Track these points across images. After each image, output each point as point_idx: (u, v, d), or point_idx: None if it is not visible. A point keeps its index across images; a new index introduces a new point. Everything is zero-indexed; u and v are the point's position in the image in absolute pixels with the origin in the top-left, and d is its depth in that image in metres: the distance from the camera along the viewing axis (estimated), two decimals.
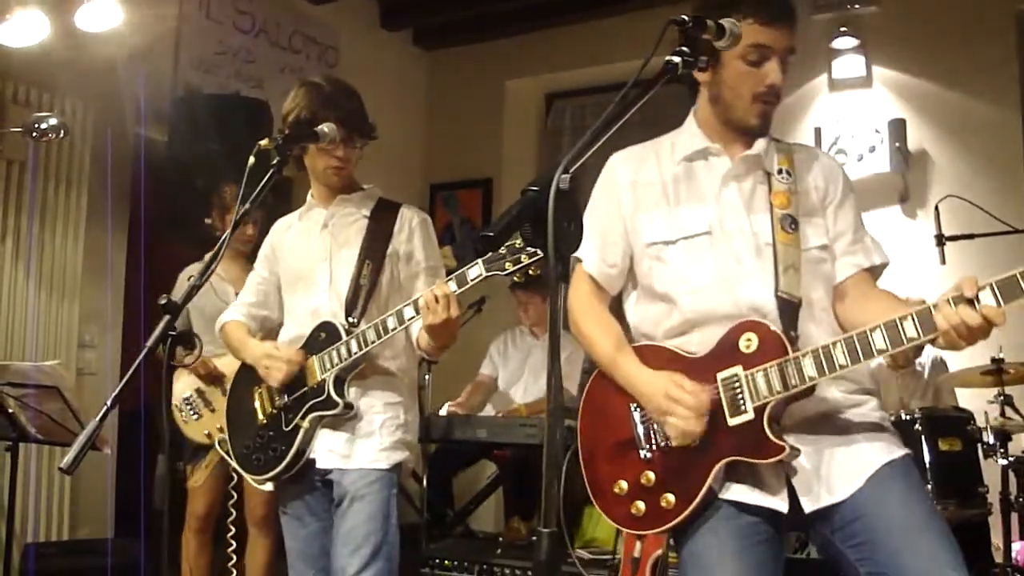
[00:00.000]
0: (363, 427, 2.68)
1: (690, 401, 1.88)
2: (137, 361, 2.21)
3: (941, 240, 4.11)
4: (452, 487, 5.39)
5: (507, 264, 2.37)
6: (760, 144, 2.04)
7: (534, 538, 1.33)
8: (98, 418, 2.01)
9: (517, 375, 5.27)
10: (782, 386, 1.82)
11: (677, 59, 1.70)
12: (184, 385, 3.93)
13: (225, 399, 3.73)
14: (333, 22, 6.02)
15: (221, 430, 3.71)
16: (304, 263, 2.82)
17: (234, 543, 3.64)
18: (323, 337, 2.69)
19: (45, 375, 3.16)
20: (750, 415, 1.85)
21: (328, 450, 2.67)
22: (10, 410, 3.31)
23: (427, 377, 4.68)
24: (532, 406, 4.88)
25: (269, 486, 2.73)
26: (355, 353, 2.61)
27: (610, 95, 1.58)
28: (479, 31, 6.56)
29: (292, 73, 5.72)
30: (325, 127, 2.58)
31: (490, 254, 2.41)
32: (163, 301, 2.12)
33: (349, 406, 2.65)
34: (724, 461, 1.88)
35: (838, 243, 2.06)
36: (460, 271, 2.47)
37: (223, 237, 2.29)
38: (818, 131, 5.45)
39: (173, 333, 2.10)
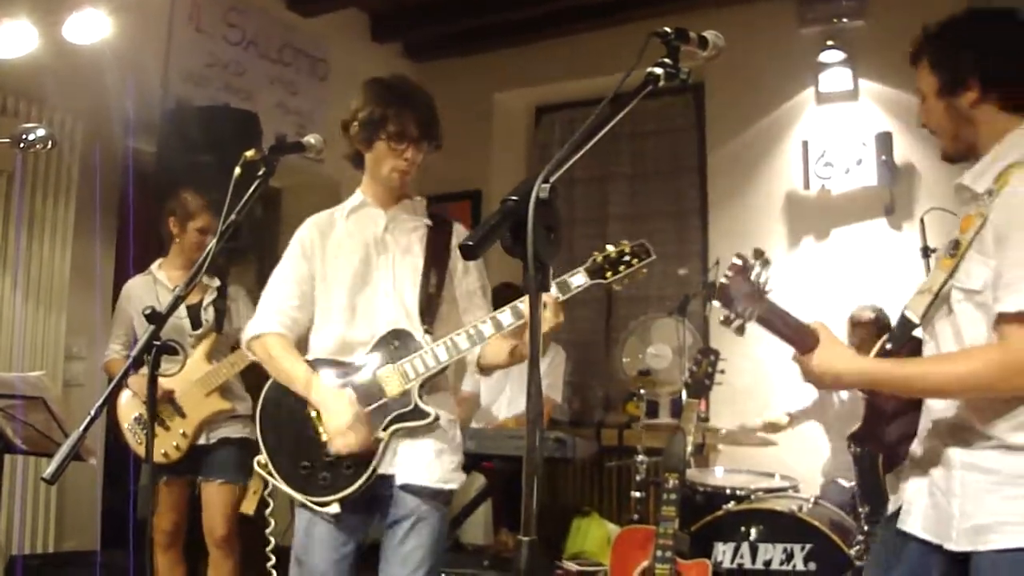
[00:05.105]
0: (440, 442, 2.60)
1: None
2: (121, 371, 2.21)
3: (927, 252, 4.13)
4: None
5: (608, 273, 2.44)
6: None
7: None
8: (81, 428, 2.00)
9: (499, 387, 5.25)
10: None
11: (659, 70, 1.70)
12: (132, 406, 3.78)
13: (176, 414, 3.73)
14: (323, 34, 6.03)
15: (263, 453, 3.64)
16: (360, 264, 2.67)
17: None
18: (396, 345, 2.58)
19: (30, 386, 3.13)
20: None
21: (411, 464, 2.55)
22: None
23: None
24: (521, 419, 4.87)
25: (335, 507, 2.52)
26: (443, 361, 2.53)
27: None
28: (468, 44, 6.58)
29: (282, 85, 5.74)
30: (311, 138, 2.54)
31: (589, 262, 2.47)
32: (147, 312, 2.11)
33: (437, 417, 2.56)
34: None
35: None
36: (562, 278, 2.46)
37: (207, 249, 2.25)
38: (805, 144, 5.46)
39: (157, 343, 2.10)
